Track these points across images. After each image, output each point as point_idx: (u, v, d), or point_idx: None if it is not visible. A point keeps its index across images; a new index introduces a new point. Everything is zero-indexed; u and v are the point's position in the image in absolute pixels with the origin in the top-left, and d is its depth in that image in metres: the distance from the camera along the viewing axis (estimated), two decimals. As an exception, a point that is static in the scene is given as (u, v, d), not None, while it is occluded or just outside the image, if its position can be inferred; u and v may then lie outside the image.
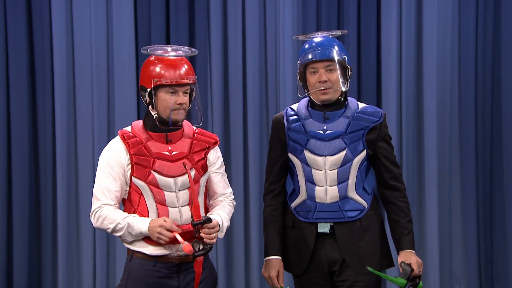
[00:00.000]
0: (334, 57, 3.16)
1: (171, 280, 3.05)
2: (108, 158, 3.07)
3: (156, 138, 3.08)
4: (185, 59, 3.09)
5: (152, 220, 2.98)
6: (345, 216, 3.18)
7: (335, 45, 3.20)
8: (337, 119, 3.20)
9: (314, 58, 3.16)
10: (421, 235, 5.34)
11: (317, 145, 3.18)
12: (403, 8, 5.30)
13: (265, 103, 5.36)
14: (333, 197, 3.18)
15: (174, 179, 3.05)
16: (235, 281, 5.38)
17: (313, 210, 3.19)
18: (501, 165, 5.36)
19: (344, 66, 3.18)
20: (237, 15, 5.31)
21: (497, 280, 5.40)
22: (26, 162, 5.28)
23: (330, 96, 3.17)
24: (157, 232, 2.94)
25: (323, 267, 3.19)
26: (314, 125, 3.21)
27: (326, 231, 3.18)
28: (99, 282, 5.27)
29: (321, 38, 3.24)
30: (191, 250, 2.90)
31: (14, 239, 5.28)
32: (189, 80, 3.04)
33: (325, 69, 3.15)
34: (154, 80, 3.02)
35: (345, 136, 3.18)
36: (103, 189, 3.05)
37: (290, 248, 3.26)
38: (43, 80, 5.29)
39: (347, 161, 3.17)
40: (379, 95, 5.37)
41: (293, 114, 3.26)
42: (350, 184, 3.18)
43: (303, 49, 3.23)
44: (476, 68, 5.36)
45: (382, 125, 3.22)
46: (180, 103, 3.02)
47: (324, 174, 3.18)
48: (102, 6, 5.26)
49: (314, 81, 3.17)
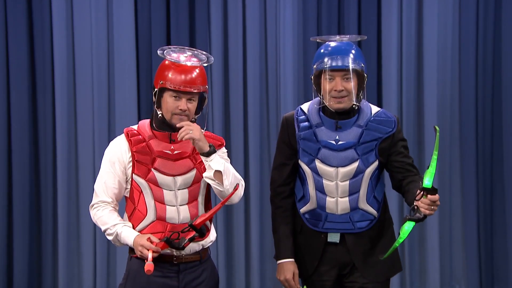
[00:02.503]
0: (352, 67, 3.06)
1: (170, 280, 3.05)
2: (111, 155, 3.10)
3: (160, 137, 3.08)
4: (200, 67, 3.06)
5: (137, 236, 2.98)
6: (355, 228, 3.14)
7: (354, 53, 3.09)
8: (350, 128, 3.11)
9: (332, 66, 3.06)
10: (421, 235, 5.34)
11: (328, 155, 3.11)
12: (403, 9, 5.29)
13: (265, 103, 5.35)
14: (344, 209, 3.13)
15: (174, 178, 3.05)
16: (236, 281, 5.38)
17: (323, 220, 3.15)
18: (502, 166, 5.35)
19: (361, 75, 3.09)
20: (237, 15, 5.31)
21: (498, 281, 5.40)
22: (27, 161, 5.28)
23: (344, 105, 3.08)
24: (139, 251, 2.95)
25: (331, 271, 3.16)
26: (326, 134, 3.12)
27: (336, 241, 3.15)
28: (100, 282, 5.27)
29: (339, 43, 3.13)
30: (149, 271, 2.86)
31: (15, 239, 5.28)
32: (194, 88, 3.02)
33: (341, 78, 3.06)
34: (161, 82, 3.03)
35: (357, 147, 3.10)
36: (102, 184, 3.09)
37: (298, 252, 3.21)
38: (44, 80, 5.29)
39: (359, 173, 3.11)
40: (379, 95, 5.36)
41: (304, 118, 3.17)
42: (361, 195, 3.12)
43: (320, 54, 3.12)
44: (477, 69, 5.35)
45: (396, 131, 3.14)
46: (181, 109, 3.02)
47: (335, 185, 3.12)
48: (103, 6, 5.26)
49: (329, 88, 3.07)
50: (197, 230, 2.95)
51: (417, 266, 5.35)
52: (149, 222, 3.04)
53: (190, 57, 3.07)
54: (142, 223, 3.05)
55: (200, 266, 3.11)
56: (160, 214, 3.04)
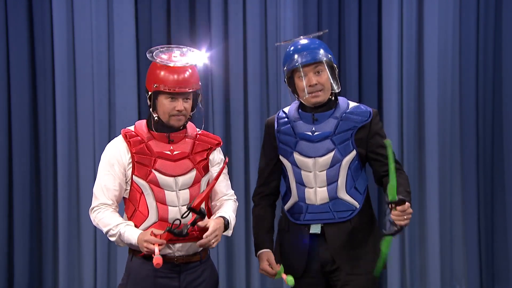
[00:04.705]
0: (321, 59, 3.12)
1: (171, 281, 3.06)
2: (109, 157, 3.08)
3: (158, 138, 3.08)
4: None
5: (140, 233, 2.97)
6: (335, 217, 3.16)
7: (320, 46, 3.16)
8: (326, 120, 3.17)
9: (301, 62, 3.12)
10: (422, 234, 5.34)
11: (305, 146, 3.17)
12: (404, 8, 5.29)
13: (266, 104, 5.35)
14: (323, 199, 3.16)
15: (175, 178, 3.06)
16: (236, 282, 5.38)
17: (304, 212, 3.18)
18: (502, 165, 5.35)
19: (331, 66, 3.15)
20: (238, 15, 5.31)
21: (498, 280, 5.40)
22: (27, 162, 5.28)
23: (321, 98, 3.14)
24: (145, 247, 2.94)
25: (317, 268, 3.18)
26: (303, 126, 3.18)
27: (317, 231, 3.17)
28: (100, 282, 5.28)
29: (305, 40, 3.20)
30: (158, 264, 2.86)
31: (15, 239, 5.28)
32: (188, 88, 3.03)
33: (313, 72, 3.12)
34: (154, 85, 3.03)
35: (333, 137, 3.15)
36: (102, 187, 3.07)
37: (288, 252, 3.24)
38: (44, 80, 5.29)
39: (336, 162, 3.15)
40: (380, 95, 5.37)
41: (284, 117, 3.24)
42: (340, 185, 3.15)
43: (288, 54, 3.19)
44: (477, 68, 5.35)
45: (372, 123, 3.18)
46: (179, 109, 3.03)
47: (313, 175, 3.16)
48: (103, 6, 5.26)
49: (303, 85, 3.13)
50: (197, 212, 2.95)
51: (417, 266, 5.35)
52: (151, 223, 3.03)
53: (180, 56, 3.07)
54: (144, 224, 3.04)
55: (200, 266, 3.12)
56: (162, 215, 3.03)
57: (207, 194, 3.00)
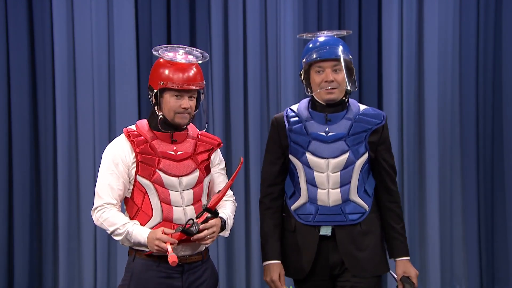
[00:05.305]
0: (341, 57, 3.11)
1: (174, 281, 3.05)
2: (113, 156, 3.06)
3: (161, 138, 3.08)
4: (196, 63, 3.08)
5: (150, 232, 2.95)
6: (347, 219, 3.14)
7: (341, 45, 3.15)
8: (339, 121, 3.15)
9: (321, 57, 3.11)
10: (422, 235, 5.35)
11: (319, 147, 3.13)
12: (404, 8, 5.30)
13: (266, 103, 5.36)
14: (335, 200, 3.14)
15: (179, 178, 3.05)
16: (236, 282, 5.38)
17: (315, 213, 3.15)
18: (502, 166, 5.36)
19: (350, 67, 3.14)
20: (238, 14, 5.31)
21: (498, 280, 5.41)
22: (27, 162, 5.27)
23: (335, 96, 3.12)
24: (155, 245, 2.92)
25: (325, 271, 3.17)
26: (316, 126, 3.15)
27: (328, 234, 3.15)
28: (100, 282, 5.27)
29: (327, 37, 3.19)
30: (174, 262, 2.85)
31: (15, 239, 5.28)
32: (195, 86, 3.03)
33: (331, 69, 3.11)
34: (161, 83, 3.02)
35: (347, 138, 3.13)
36: (106, 187, 3.04)
37: (291, 253, 3.21)
38: (44, 80, 5.29)
39: (349, 164, 3.13)
40: (380, 95, 5.37)
41: (294, 115, 3.20)
42: (353, 187, 3.14)
43: (308, 48, 3.17)
44: (477, 68, 5.36)
45: (384, 127, 3.19)
46: (184, 107, 3.02)
47: (326, 176, 3.14)
48: (103, 6, 5.26)
49: (319, 80, 3.11)
50: (212, 212, 2.95)
51: (417, 266, 5.34)
52: (156, 223, 3.02)
53: (186, 55, 3.08)
54: (148, 224, 3.02)
55: (202, 266, 3.11)
56: (166, 215, 3.02)
57: (223, 195, 2.99)
